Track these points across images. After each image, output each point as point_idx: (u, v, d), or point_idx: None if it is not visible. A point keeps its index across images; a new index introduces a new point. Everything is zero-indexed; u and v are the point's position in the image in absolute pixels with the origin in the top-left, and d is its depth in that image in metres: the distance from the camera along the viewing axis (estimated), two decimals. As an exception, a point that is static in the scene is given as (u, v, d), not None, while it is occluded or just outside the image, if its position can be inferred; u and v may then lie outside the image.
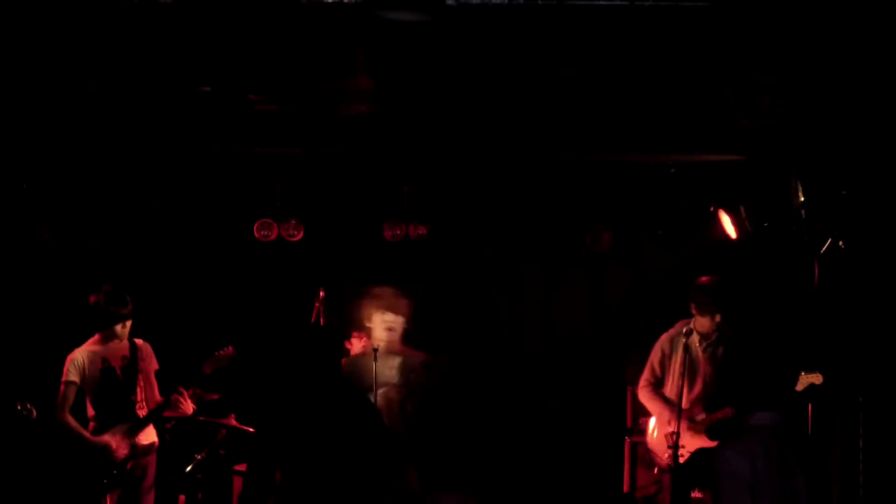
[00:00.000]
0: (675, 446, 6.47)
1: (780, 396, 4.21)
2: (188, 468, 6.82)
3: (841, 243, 7.06)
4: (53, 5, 5.61)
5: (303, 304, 7.62)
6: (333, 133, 6.94)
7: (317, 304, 7.34)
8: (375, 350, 6.35)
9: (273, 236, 8.15)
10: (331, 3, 5.42)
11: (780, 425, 4.12)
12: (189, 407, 6.54)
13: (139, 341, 6.61)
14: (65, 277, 7.96)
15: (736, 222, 7.60)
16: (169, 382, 6.57)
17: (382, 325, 6.44)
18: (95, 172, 7.78)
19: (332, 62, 5.96)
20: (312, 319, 7.38)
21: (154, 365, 6.67)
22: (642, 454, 7.48)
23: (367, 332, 6.63)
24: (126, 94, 6.39)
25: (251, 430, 7.16)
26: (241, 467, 7.27)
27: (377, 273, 8.26)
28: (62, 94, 6.38)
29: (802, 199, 7.19)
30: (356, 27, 5.66)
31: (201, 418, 6.98)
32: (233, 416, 7.24)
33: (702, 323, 6.81)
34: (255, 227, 8.11)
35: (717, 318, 6.78)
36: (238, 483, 7.32)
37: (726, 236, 7.67)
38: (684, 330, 6.84)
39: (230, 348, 6.65)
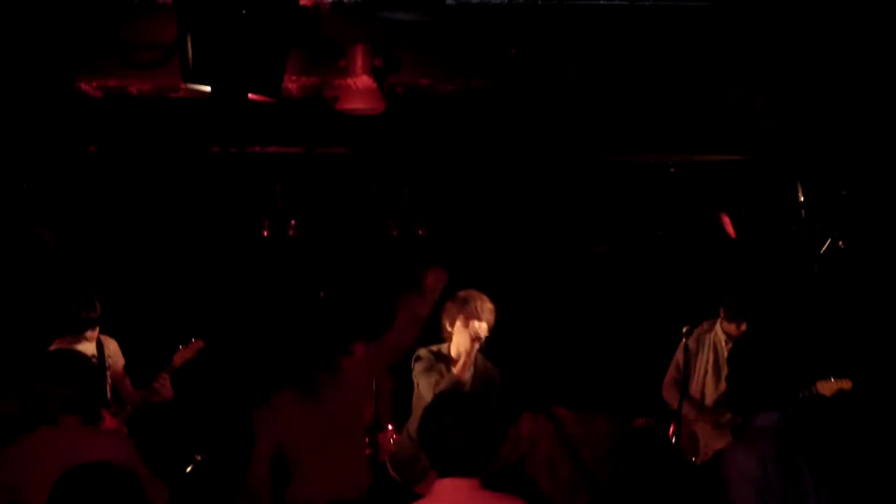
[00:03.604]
0: (676, 445, 6.48)
1: (782, 396, 4.21)
2: (188, 468, 6.82)
3: (841, 243, 7.05)
4: (52, 5, 5.61)
5: (302, 304, 7.64)
6: (333, 133, 6.94)
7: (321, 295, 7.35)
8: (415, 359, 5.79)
9: (273, 236, 8.15)
10: (331, 2, 5.42)
11: (787, 425, 4.10)
12: (170, 391, 6.45)
13: (105, 338, 6.50)
14: (65, 277, 7.97)
15: (736, 222, 7.60)
16: (150, 372, 6.52)
17: (467, 334, 5.61)
18: (95, 172, 7.78)
19: (333, 62, 5.96)
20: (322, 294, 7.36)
21: (121, 360, 6.59)
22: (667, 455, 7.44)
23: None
24: (125, 94, 6.39)
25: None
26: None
27: (377, 273, 8.27)
28: (62, 94, 6.38)
29: (802, 199, 7.19)
30: (356, 27, 5.66)
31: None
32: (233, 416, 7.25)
33: (728, 327, 6.70)
34: (255, 228, 8.13)
35: (744, 326, 6.65)
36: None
37: (726, 236, 7.66)
38: (707, 326, 6.77)
39: (200, 341, 6.61)
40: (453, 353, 5.64)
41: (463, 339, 5.57)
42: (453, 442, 3.60)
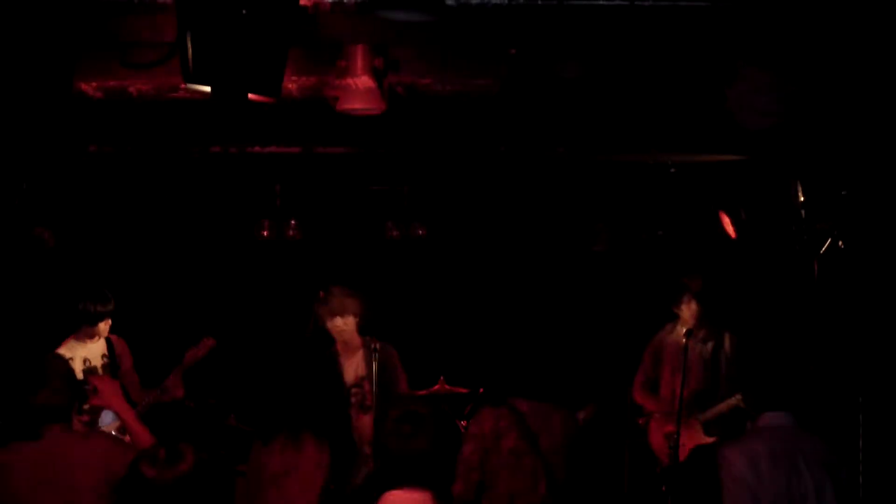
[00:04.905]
0: (675, 446, 6.49)
1: (781, 396, 4.21)
2: (188, 468, 6.80)
3: (841, 243, 7.05)
4: (52, 5, 5.60)
5: (302, 304, 7.64)
6: (333, 133, 6.93)
7: (315, 309, 7.36)
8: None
9: (273, 236, 8.15)
10: (331, 2, 5.42)
11: (789, 426, 4.10)
12: (181, 390, 6.49)
13: (114, 338, 6.55)
14: (65, 277, 7.97)
15: (735, 222, 7.60)
16: (160, 371, 6.53)
17: (334, 329, 6.54)
18: (95, 172, 7.78)
19: (333, 62, 5.96)
20: (310, 325, 7.40)
21: (129, 361, 6.61)
22: (645, 454, 7.48)
23: None
24: (125, 94, 6.39)
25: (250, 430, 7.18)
26: (242, 467, 7.27)
27: (377, 273, 8.28)
28: (61, 94, 6.37)
29: (802, 199, 7.19)
30: (356, 27, 5.65)
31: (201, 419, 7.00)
32: (233, 416, 7.26)
33: (683, 319, 6.82)
34: (255, 228, 8.13)
35: (694, 305, 6.77)
36: (239, 483, 7.32)
37: (726, 236, 7.67)
38: (669, 328, 6.87)
39: (210, 339, 6.63)
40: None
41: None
42: (412, 450, 3.56)
